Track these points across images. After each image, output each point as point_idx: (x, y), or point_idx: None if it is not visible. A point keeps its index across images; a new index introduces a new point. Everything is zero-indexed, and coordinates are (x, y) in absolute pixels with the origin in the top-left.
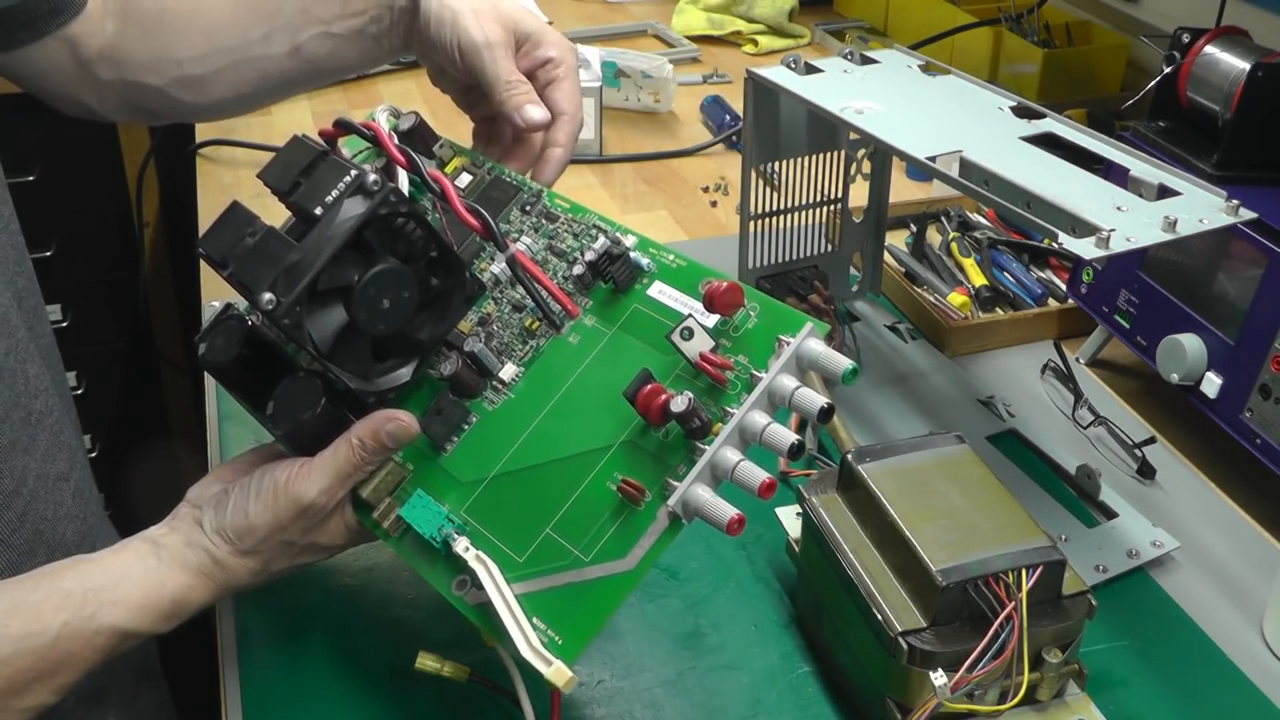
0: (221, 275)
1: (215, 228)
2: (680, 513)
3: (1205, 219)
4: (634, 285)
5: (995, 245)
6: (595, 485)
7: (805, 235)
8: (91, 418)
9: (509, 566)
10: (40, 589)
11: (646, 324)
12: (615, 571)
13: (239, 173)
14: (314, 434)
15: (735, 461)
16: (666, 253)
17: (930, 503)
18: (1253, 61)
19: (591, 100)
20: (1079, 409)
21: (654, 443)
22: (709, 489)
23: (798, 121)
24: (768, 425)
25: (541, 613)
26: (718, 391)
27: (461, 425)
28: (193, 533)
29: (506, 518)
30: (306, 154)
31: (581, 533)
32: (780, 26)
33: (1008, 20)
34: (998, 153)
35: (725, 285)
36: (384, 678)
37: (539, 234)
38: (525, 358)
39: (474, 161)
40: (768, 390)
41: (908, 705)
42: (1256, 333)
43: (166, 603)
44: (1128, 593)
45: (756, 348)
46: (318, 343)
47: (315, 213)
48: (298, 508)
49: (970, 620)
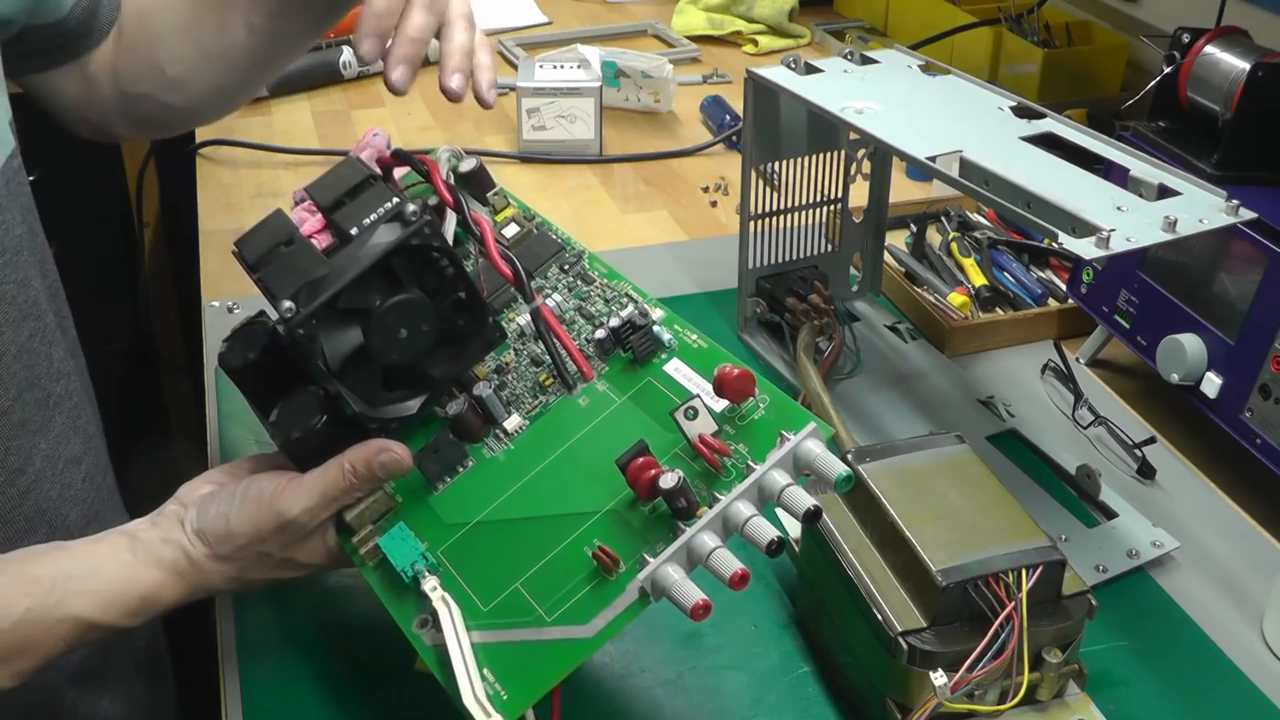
0: (251, 278)
1: (254, 231)
2: (649, 590)
3: (1205, 219)
4: (652, 359)
5: (995, 245)
6: (573, 548)
7: (805, 235)
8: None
9: (472, 613)
10: (9, 571)
11: (656, 399)
12: (573, 636)
13: (239, 173)
14: (312, 449)
15: (711, 548)
16: (690, 332)
17: (930, 503)
18: (1253, 61)
19: (592, 100)
20: (1079, 409)
21: (639, 518)
22: (681, 571)
23: (798, 121)
24: (752, 517)
25: (494, 665)
26: (711, 477)
27: (456, 467)
28: (172, 530)
29: (480, 565)
30: (356, 175)
31: (549, 593)
32: (780, 26)
33: (1008, 20)
34: (998, 153)
35: (737, 372)
36: (384, 678)
37: (572, 293)
38: (532, 411)
39: (525, 214)
40: (759, 483)
41: (908, 705)
42: (1256, 333)
43: (135, 599)
44: (1128, 593)
45: (759, 440)
46: (329, 360)
47: (351, 233)
48: (279, 522)
49: (970, 620)
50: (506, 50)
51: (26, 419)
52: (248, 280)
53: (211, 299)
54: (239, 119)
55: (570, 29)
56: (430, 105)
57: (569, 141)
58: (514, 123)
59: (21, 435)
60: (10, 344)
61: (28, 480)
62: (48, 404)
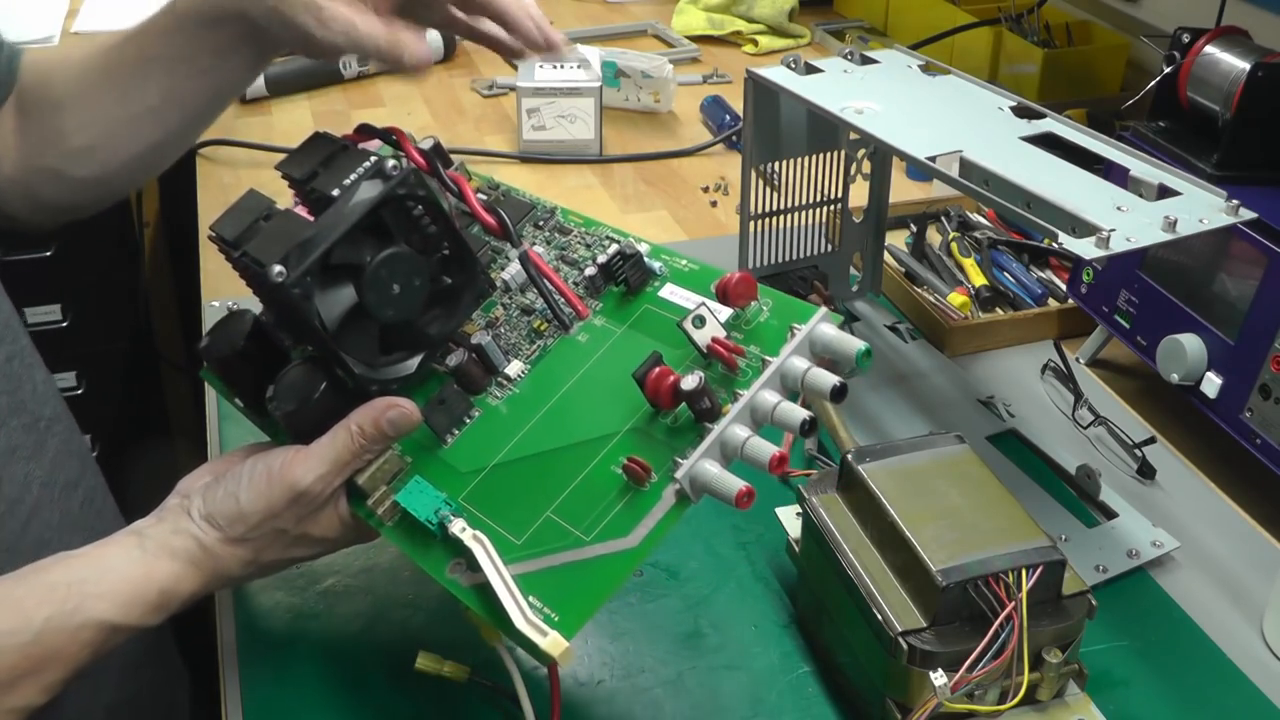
0: (232, 259)
1: (229, 212)
2: (687, 488)
3: (1205, 219)
4: (645, 288)
5: (995, 245)
6: (599, 470)
7: (805, 235)
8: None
9: (506, 549)
10: (24, 583)
11: (657, 322)
12: (617, 549)
13: (239, 173)
14: (313, 420)
15: (745, 437)
16: (679, 258)
17: (930, 503)
18: (1253, 61)
19: (591, 100)
20: (1079, 409)
21: (662, 428)
22: (718, 465)
23: (798, 121)
24: (779, 403)
25: (538, 591)
26: (728, 379)
27: (464, 418)
28: (180, 520)
29: (506, 503)
30: (327, 146)
31: (583, 514)
32: (780, 26)
33: (1008, 20)
34: (998, 153)
35: (738, 276)
36: (384, 678)
37: (551, 245)
38: (532, 356)
39: (489, 185)
40: (779, 372)
41: (908, 705)
42: (1256, 333)
43: (154, 593)
44: (1128, 593)
45: (769, 339)
46: (325, 321)
47: (332, 194)
48: (292, 494)
49: (970, 620)
50: None
51: (16, 445)
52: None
53: (211, 299)
54: (239, 119)
55: (570, 29)
56: (430, 105)
57: (569, 141)
58: (514, 123)
59: (13, 462)
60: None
61: (26, 509)
62: (37, 428)
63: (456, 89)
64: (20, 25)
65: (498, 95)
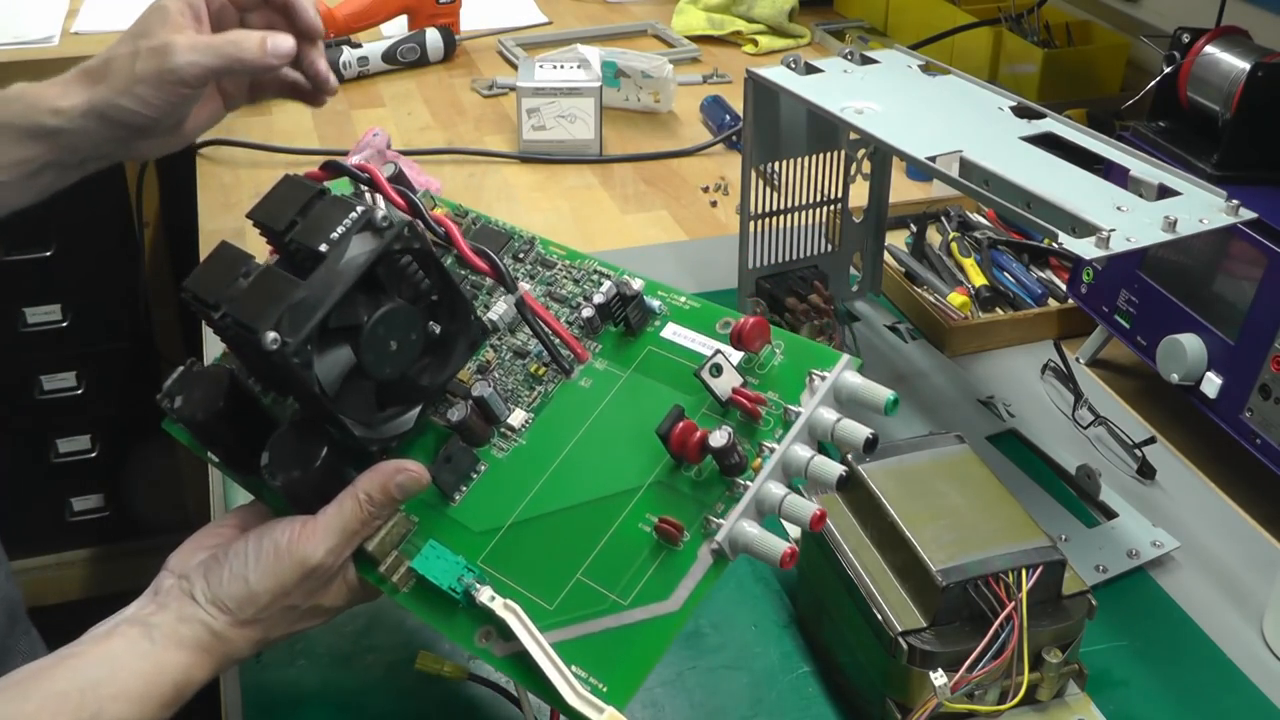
0: (210, 320)
1: (203, 268)
2: (726, 549)
3: (1205, 219)
4: (646, 327)
5: (995, 245)
6: (626, 528)
7: (805, 235)
8: (91, 418)
9: (539, 615)
10: (32, 696)
11: (663, 365)
12: (660, 614)
13: (239, 173)
14: (314, 487)
15: (781, 495)
16: (677, 295)
17: (930, 503)
18: (1253, 61)
19: (591, 100)
20: (1079, 409)
21: (686, 482)
22: (755, 524)
23: (798, 121)
24: (812, 458)
25: (580, 660)
26: (750, 428)
27: (471, 474)
28: (185, 607)
29: (529, 566)
30: (302, 193)
31: (617, 577)
32: (780, 26)
33: (1008, 20)
34: (998, 153)
35: (753, 320)
36: (384, 678)
37: (535, 281)
38: (533, 403)
39: (457, 212)
40: (809, 423)
41: (908, 705)
42: (1256, 333)
43: (169, 688)
44: (1128, 593)
45: (785, 384)
46: (325, 385)
47: (319, 249)
48: (303, 570)
49: (970, 620)
50: (506, 50)
51: None
52: None
53: None
54: (239, 119)
55: (570, 29)
56: (430, 105)
57: (569, 141)
58: (514, 123)
59: None
60: None
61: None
62: None
63: (456, 89)
64: (20, 25)
65: (498, 95)
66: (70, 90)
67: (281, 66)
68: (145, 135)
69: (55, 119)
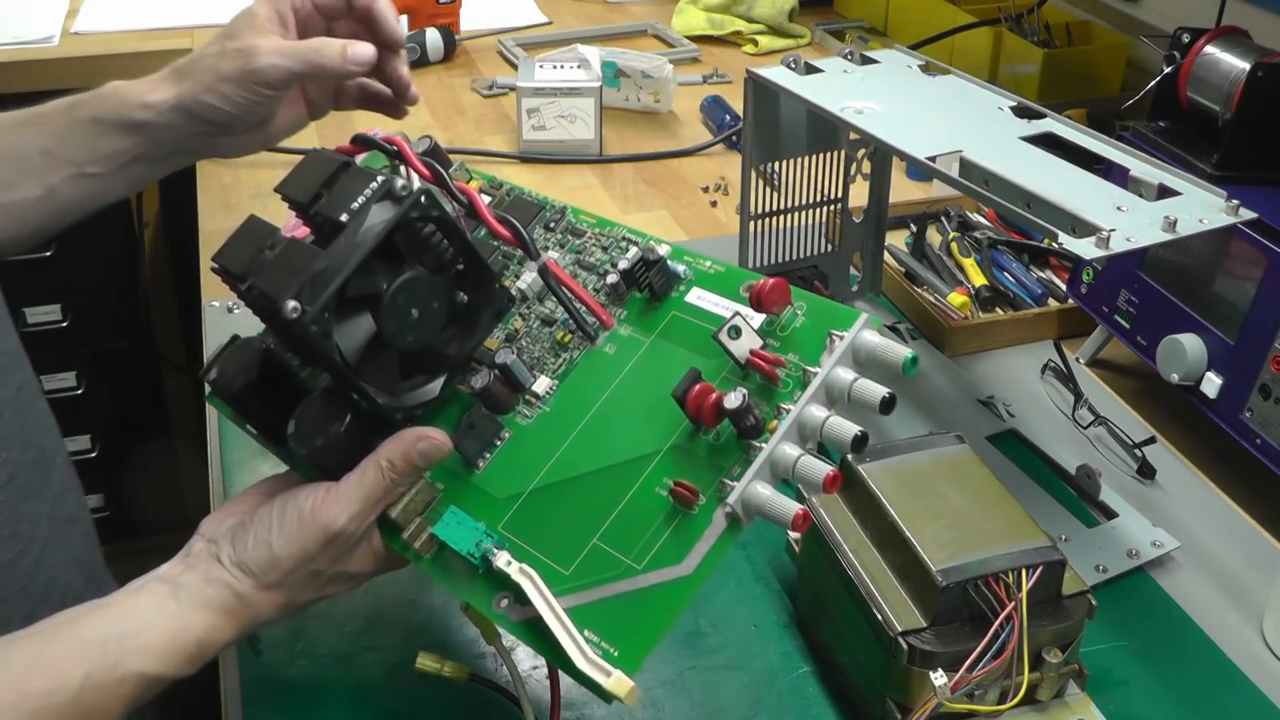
0: (238, 291)
1: (232, 241)
2: (740, 512)
3: (1205, 219)
4: (670, 292)
5: (995, 245)
6: (643, 493)
7: (805, 235)
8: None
9: (555, 580)
10: (59, 640)
11: (687, 329)
12: (672, 577)
13: (239, 173)
14: (338, 455)
15: (796, 456)
16: (703, 259)
17: (930, 503)
18: (1253, 61)
19: (591, 100)
20: (1079, 409)
21: (704, 446)
22: (770, 487)
23: (798, 121)
24: (828, 418)
25: (593, 625)
26: (769, 390)
27: (494, 441)
28: (212, 569)
29: (548, 531)
30: (328, 165)
31: (631, 542)
32: (780, 26)
33: (1008, 20)
34: (998, 153)
35: (773, 282)
36: (384, 678)
37: (565, 249)
38: (559, 370)
39: (493, 185)
40: (825, 383)
41: (908, 705)
42: (1256, 333)
43: (192, 645)
44: (1128, 593)
45: (806, 346)
46: (345, 354)
47: (340, 220)
48: (326, 536)
49: (970, 620)
50: (506, 50)
51: (29, 483)
52: None
53: (211, 299)
54: None
55: (570, 29)
56: (430, 105)
57: (569, 141)
58: (514, 123)
59: (26, 501)
60: (4, 400)
61: (38, 548)
62: (43, 461)
63: (456, 89)
64: (20, 25)
65: (498, 95)
66: (159, 86)
67: (362, 74)
68: (227, 132)
69: (144, 113)
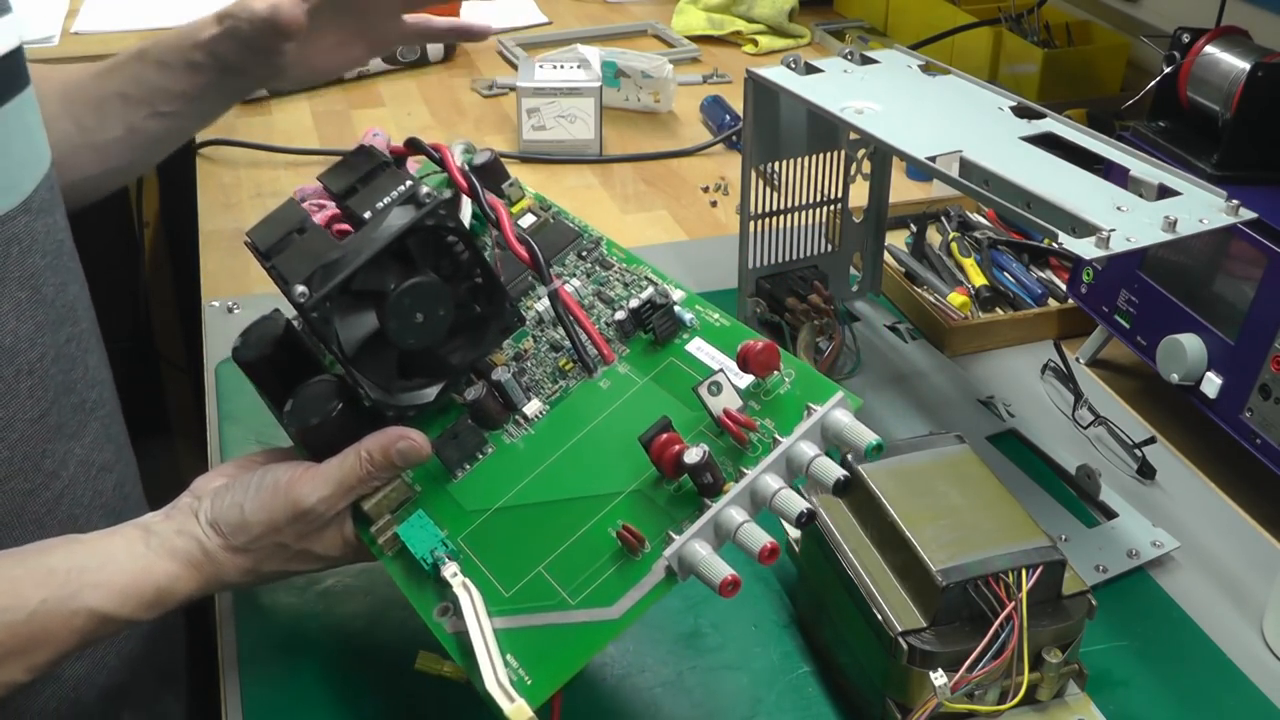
0: (264, 267)
1: (266, 220)
2: (675, 567)
3: (1205, 219)
4: (673, 339)
5: (995, 245)
6: (596, 530)
7: (805, 235)
8: None
9: (494, 599)
10: (24, 563)
11: (680, 378)
12: (598, 619)
13: (239, 173)
14: (328, 438)
15: (739, 522)
16: (712, 310)
17: (930, 503)
18: (1253, 61)
19: (591, 100)
20: (1079, 409)
21: (664, 496)
22: (709, 547)
23: (798, 121)
24: (780, 490)
25: (517, 650)
26: (737, 453)
27: (476, 454)
28: (187, 522)
29: (502, 550)
30: (369, 163)
31: (573, 575)
32: (780, 26)
33: (1008, 20)
34: (998, 153)
35: (761, 345)
36: (384, 678)
37: (590, 279)
38: (552, 396)
39: (541, 205)
40: (787, 455)
41: (908, 705)
42: (1256, 333)
43: (150, 590)
44: (1128, 593)
45: (785, 414)
46: (344, 345)
47: (364, 217)
48: (294, 511)
49: (970, 620)
50: (506, 50)
51: (62, 423)
52: (248, 280)
53: (211, 299)
54: (239, 119)
55: (570, 29)
56: (430, 105)
57: (569, 141)
58: (514, 123)
59: (57, 440)
60: (50, 347)
61: (61, 485)
62: (83, 409)
63: (456, 89)
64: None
65: (498, 95)
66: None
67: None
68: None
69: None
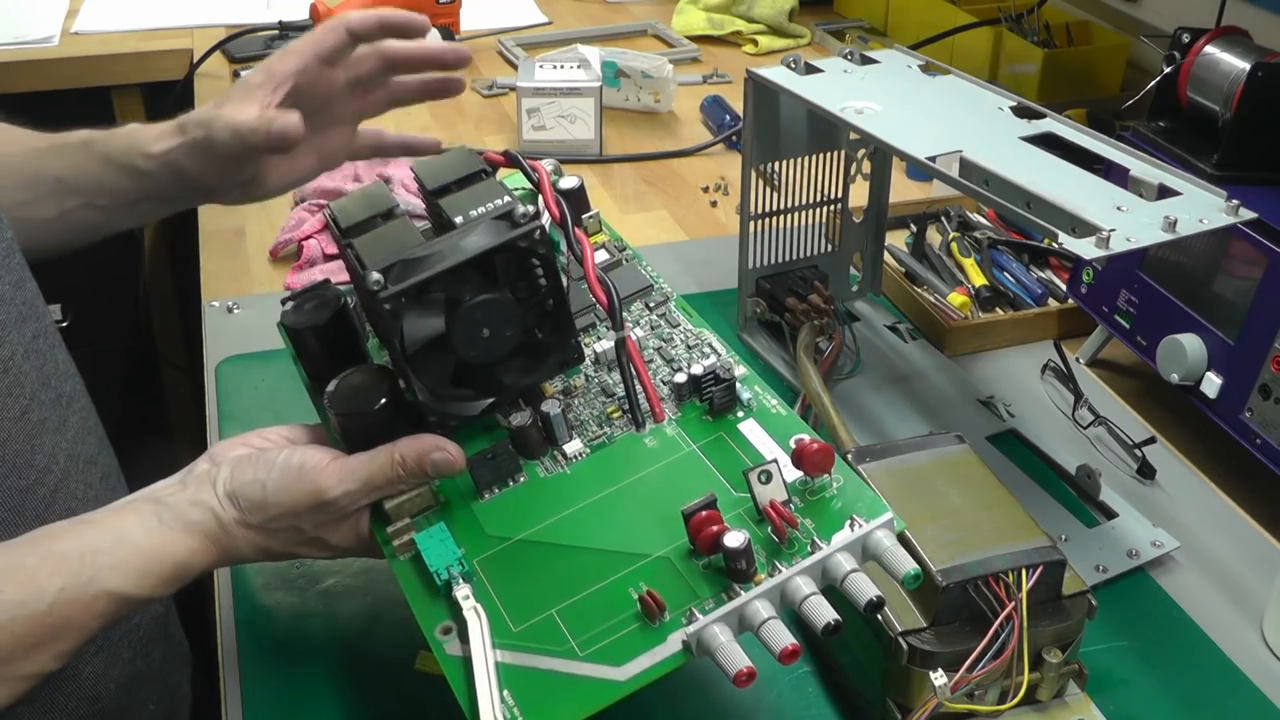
0: (338, 242)
1: (352, 197)
2: (692, 646)
3: (1205, 219)
4: (728, 414)
5: (995, 245)
6: (617, 587)
7: (805, 235)
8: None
9: (500, 631)
10: (36, 551)
11: (727, 455)
12: (605, 677)
13: None
14: (366, 430)
15: (765, 618)
16: (770, 395)
17: (930, 503)
18: (1253, 61)
19: (591, 100)
20: (1079, 409)
21: (692, 570)
22: (730, 633)
23: (798, 121)
24: (810, 595)
25: (515, 687)
26: (774, 546)
27: (508, 480)
28: (202, 491)
29: (516, 584)
30: (470, 165)
31: (586, 627)
32: (780, 26)
33: (1008, 20)
34: (998, 153)
35: (818, 446)
36: (384, 678)
37: (654, 332)
38: (595, 440)
39: (617, 244)
40: (823, 562)
41: (908, 705)
42: (1256, 333)
43: (168, 567)
44: (1128, 593)
45: (827, 518)
46: (406, 342)
47: (455, 220)
48: (316, 500)
49: (970, 620)
50: (506, 50)
51: (45, 418)
52: (248, 280)
53: (211, 299)
54: None
55: (570, 29)
56: (430, 106)
57: (569, 141)
58: (514, 123)
59: (43, 435)
60: (19, 344)
61: (55, 479)
62: (60, 403)
63: None
64: (20, 25)
65: (498, 95)
66: (163, 137)
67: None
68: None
69: (147, 162)
